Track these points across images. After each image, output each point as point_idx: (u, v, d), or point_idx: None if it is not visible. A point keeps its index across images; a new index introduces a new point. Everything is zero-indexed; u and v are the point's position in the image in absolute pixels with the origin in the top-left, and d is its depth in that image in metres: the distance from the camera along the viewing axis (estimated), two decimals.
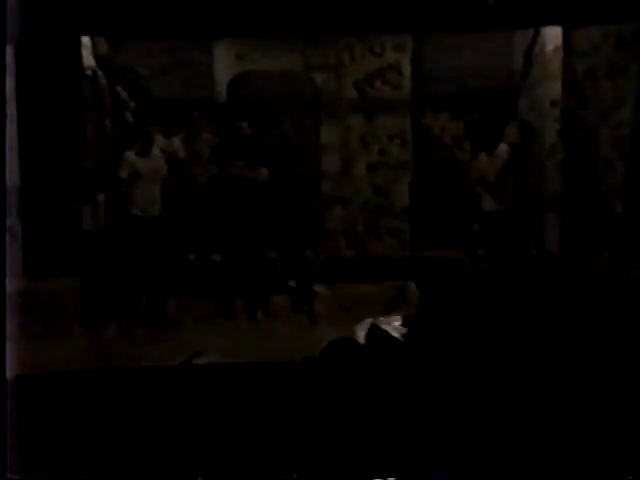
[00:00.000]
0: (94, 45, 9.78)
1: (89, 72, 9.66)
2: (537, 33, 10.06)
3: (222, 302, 8.51)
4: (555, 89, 10.06)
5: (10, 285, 6.28)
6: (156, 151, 8.70)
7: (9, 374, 4.33)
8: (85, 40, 9.54)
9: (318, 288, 9.01)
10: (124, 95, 10.12)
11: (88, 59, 9.66)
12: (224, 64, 10.74)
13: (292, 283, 9.01)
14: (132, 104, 10.11)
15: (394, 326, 2.18)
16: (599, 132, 9.73)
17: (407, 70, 10.52)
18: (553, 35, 9.94)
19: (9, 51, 7.93)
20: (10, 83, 8.06)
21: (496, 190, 8.54)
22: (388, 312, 3.79)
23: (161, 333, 7.91)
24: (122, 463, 4.75)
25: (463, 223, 9.02)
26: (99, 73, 9.85)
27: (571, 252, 9.49)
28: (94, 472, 4.54)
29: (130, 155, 8.42)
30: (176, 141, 9.46)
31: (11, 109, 8.14)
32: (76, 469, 4.57)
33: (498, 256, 8.43)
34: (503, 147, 8.67)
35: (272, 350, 6.85)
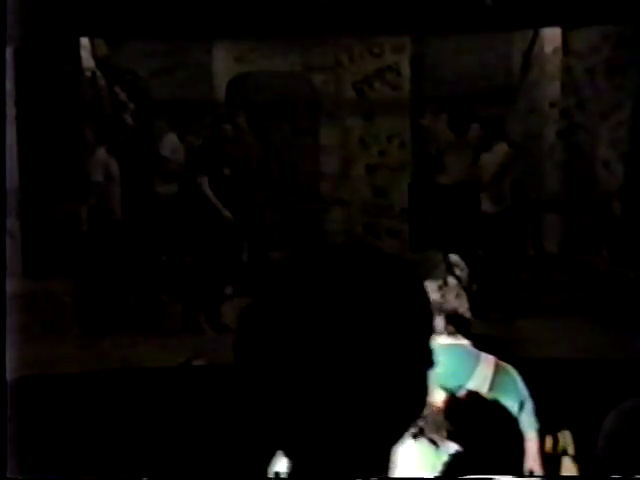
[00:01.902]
0: (93, 46, 9.79)
1: (88, 73, 9.67)
2: (536, 34, 10.07)
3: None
4: (554, 90, 10.07)
5: (10, 285, 6.28)
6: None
7: (9, 374, 4.33)
8: (84, 41, 9.55)
9: None
10: (123, 96, 10.12)
11: (87, 60, 9.67)
12: (223, 65, 10.74)
13: None
14: (131, 105, 10.11)
15: None
16: (598, 133, 9.75)
17: (406, 71, 10.53)
18: (552, 36, 9.96)
19: (9, 52, 7.93)
20: (10, 84, 8.07)
21: (494, 191, 8.51)
22: None
23: (159, 335, 7.89)
24: (121, 463, 4.76)
25: (462, 224, 9.00)
26: (98, 74, 9.85)
27: (570, 253, 9.49)
28: (94, 472, 4.54)
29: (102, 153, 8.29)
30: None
31: (10, 110, 8.14)
32: (76, 469, 4.58)
33: (497, 257, 8.43)
34: (502, 147, 8.61)
35: None
